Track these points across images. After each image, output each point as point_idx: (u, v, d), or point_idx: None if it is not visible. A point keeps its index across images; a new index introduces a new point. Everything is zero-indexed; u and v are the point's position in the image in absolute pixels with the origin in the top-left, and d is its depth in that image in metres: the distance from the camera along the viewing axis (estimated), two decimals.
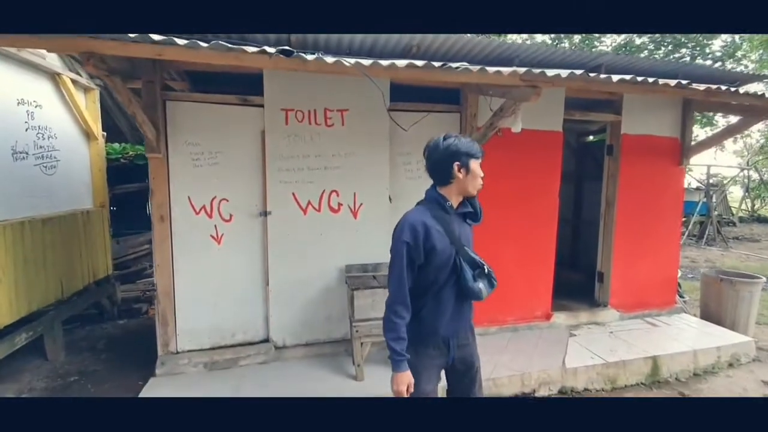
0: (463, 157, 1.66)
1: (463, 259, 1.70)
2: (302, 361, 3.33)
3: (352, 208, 3.41)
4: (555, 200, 3.96)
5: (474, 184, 1.71)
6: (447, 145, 1.68)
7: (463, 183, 1.69)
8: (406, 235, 1.64)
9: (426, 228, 1.64)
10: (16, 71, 3.39)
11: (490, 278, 1.74)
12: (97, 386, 3.28)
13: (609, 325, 4.13)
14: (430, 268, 1.68)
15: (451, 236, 1.68)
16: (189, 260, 3.17)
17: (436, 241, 1.64)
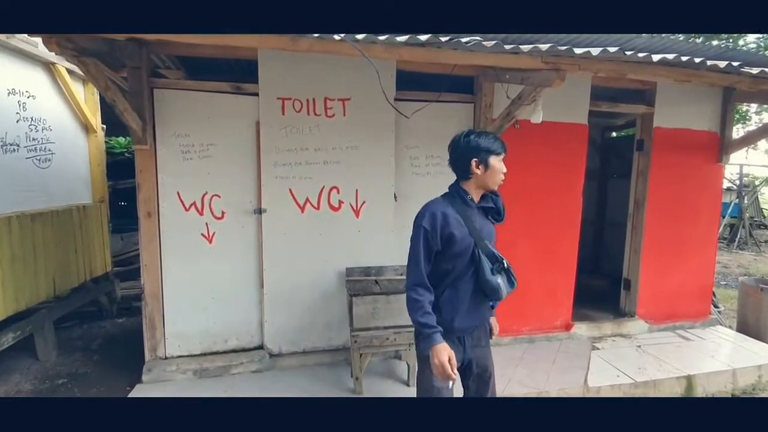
0: (482, 154, 1.67)
1: (482, 251, 1.68)
2: (298, 371, 3.09)
3: (354, 207, 3.14)
4: (578, 199, 3.61)
5: (494, 179, 1.71)
6: (468, 141, 1.70)
7: (482, 179, 1.70)
8: (425, 221, 1.68)
9: (445, 216, 1.67)
10: (6, 60, 3.24)
11: (509, 275, 1.73)
12: (83, 391, 3.11)
13: (636, 338, 3.76)
14: (448, 256, 1.68)
15: (470, 227, 1.69)
16: (178, 260, 2.96)
17: (455, 229, 1.66)
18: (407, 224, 3.34)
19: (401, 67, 3.04)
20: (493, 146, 1.68)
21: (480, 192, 1.75)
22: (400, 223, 3.26)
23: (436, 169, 3.31)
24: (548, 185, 3.52)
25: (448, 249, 1.66)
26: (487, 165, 1.67)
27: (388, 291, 2.77)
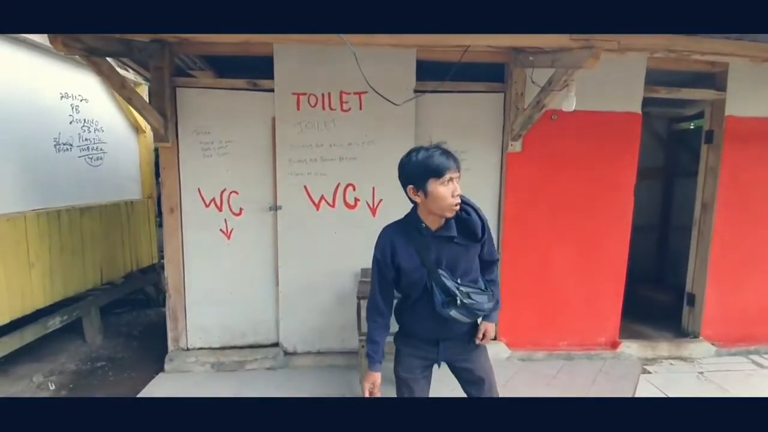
0: (417, 179, 1.49)
1: (435, 283, 1.56)
2: (311, 371, 3.03)
3: (371, 205, 3.01)
4: (628, 199, 3.17)
5: (439, 206, 1.49)
6: (403, 165, 1.56)
7: (427, 205, 1.52)
8: (377, 250, 1.66)
9: (393, 246, 1.61)
10: (60, 67, 3.54)
11: (468, 309, 1.58)
12: (116, 374, 3.30)
13: (699, 363, 3.22)
14: (403, 284, 1.66)
15: (424, 256, 1.57)
16: (199, 255, 3.03)
17: (404, 261, 1.59)
18: None
19: (421, 56, 2.85)
20: (430, 168, 1.46)
21: (437, 219, 1.55)
22: None
23: (462, 165, 3.06)
24: (592, 184, 3.12)
25: (400, 278, 1.63)
26: (425, 191, 1.48)
27: None
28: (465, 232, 1.57)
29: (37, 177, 3.37)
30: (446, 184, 1.47)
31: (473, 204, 1.60)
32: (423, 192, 1.49)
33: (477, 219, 1.57)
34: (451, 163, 1.49)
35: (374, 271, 1.65)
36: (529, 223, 3.12)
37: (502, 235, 3.13)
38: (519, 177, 3.07)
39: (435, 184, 1.46)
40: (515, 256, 3.14)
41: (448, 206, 1.49)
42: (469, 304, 1.58)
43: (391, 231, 1.66)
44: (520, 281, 3.17)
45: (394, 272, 1.62)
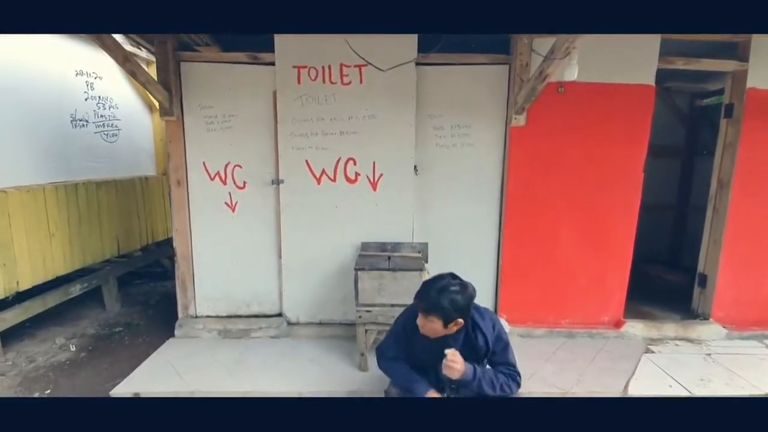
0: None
1: (433, 372, 1.84)
2: (312, 341, 3.12)
3: (371, 179, 3.02)
4: (638, 176, 3.06)
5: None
6: (464, 298, 1.71)
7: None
8: (402, 320, 1.93)
9: (414, 329, 1.80)
10: (74, 44, 3.64)
11: (457, 394, 1.83)
12: (132, 339, 3.50)
13: (707, 345, 3.15)
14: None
15: (431, 349, 1.78)
16: (205, 227, 3.13)
17: (414, 345, 1.85)
18: (428, 199, 3.16)
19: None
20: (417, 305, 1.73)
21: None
22: (421, 197, 3.07)
23: (462, 140, 3.04)
24: (599, 160, 3.03)
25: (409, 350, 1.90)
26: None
27: (396, 267, 2.63)
28: (468, 348, 1.75)
29: (55, 152, 3.53)
30: (421, 319, 1.73)
31: (484, 323, 1.77)
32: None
33: (482, 344, 1.74)
34: (420, 305, 1.71)
35: (395, 332, 1.92)
36: (532, 200, 3.07)
37: (504, 211, 3.10)
38: (523, 152, 3.00)
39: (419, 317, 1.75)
40: (518, 233, 3.11)
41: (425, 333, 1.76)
42: (456, 395, 1.82)
43: (409, 325, 1.83)
44: (522, 258, 3.14)
45: (406, 344, 1.88)
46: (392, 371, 1.92)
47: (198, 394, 2.49)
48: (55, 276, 3.40)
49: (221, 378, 2.64)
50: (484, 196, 3.10)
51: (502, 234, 3.15)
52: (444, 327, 1.66)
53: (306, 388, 2.52)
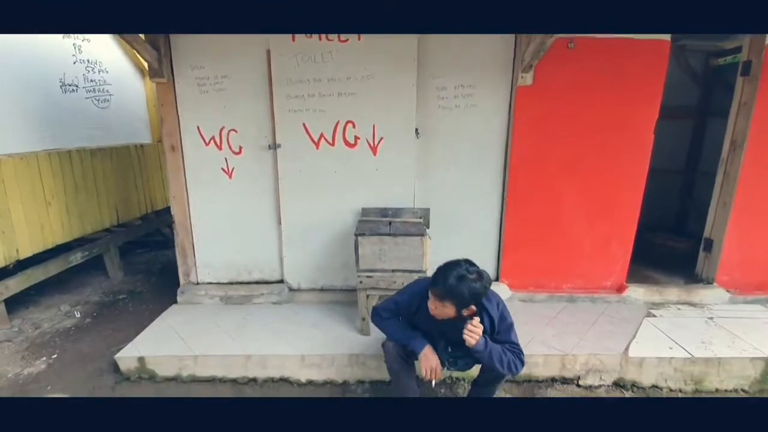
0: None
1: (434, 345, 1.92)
2: (314, 306, 3.13)
3: (371, 143, 2.92)
4: (647, 137, 2.95)
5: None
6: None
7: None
8: (407, 293, 1.99)
9: (420, 305, 1.89)
10: None
11: (455, 366, 1.94)
12: (135, 306, 3.54)
13: (710, 308, 3.14)
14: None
15: (432, 324, 1.88)
16: (202, 194, 3.08)
17: (419, 319, 1.93)
18: (430, 163, 3.07)
19: None
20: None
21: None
22: (423, 162, 2.99)
23: (466, 102, 2.91)
24: (608, 121, 2.90)
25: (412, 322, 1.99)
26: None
27: (397, 233, 2.59)
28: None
29: (46, 118, 3.43)
30: (431, 301, 1.79)
31: (491, 305, 1.80)
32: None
33: (488, 325, 1.79)
34: (433, 288, 1.75)
35: (399, 299, 1.98)
36: (537, 163, 2.97)
37: (508, 175, 3.01)
38: (529, 113, 2.88)
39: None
40: (522, 197, 3.04)
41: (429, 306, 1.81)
42: (454, 367, 1.92)
43: (424, 292, 1.84)
44: (526, 223, 3.09)
45: (409, 316, 1.96)
46: (388, 325, 1.98)
47: (201, 358, 2.52)
48: (55, 245, 3.39)
49: (224, 342, 2.67)
50: (487, 159, 3.01)
51: (505, 198, 3.08)
52: (457, 312, 1.72)
53: (308, 351, 2.54)
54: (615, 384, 2.55)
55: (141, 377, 2.57)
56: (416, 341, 1.89)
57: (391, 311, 1.99)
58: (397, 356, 1.97)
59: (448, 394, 2.46)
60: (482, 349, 1.73)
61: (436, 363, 1.86)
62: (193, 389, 2.49)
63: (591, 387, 2.53)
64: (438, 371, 1.86)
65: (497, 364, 1.75)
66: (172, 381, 2.55)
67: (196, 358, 2.52)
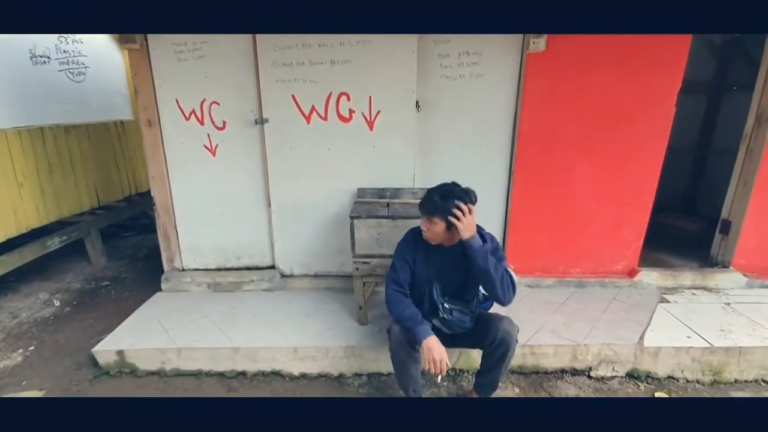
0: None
1: (427, 292, 1.88)
2: (308, 294, 2.95)
3: (367, 117, 2.67)
4: (667, 113, 2.71)
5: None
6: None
7: None
8: (403, 245, 1.95)
9: (415, 250, 1.92)
10: None
11: (447, 323, 1.86)
12: (118, 293, 3.34)
13: (726, 294, 2.97)
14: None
15: (429, 267, 1.90)
16: (184, 173, 2.84)
17: (417, 267, 1.92)
18: (432, 139, 2.83)
19: None
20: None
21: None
22: (424, 138, 2.75)
23: (471, 71, 2.65)
24: (626, 92, 2.66)
25: (412, 277, 1.93)
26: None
27: (395, 215, 2.37)
28: (464, 257, 1.77)
29: (16, 92, 3.15)
30: (423, 222, 1.82)
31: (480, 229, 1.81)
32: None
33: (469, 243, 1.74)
34: (420, 206, 1.81)
35: (397, 257, 1.92)
36: (548, 139, 2.74)
37: (516, 153, 2.78)
38: (540, 82, 2.63)
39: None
40: (530, 176, 2.82)
41: (422, 232, 1.84)
42: (449, 319, 1.83)
43: (417, 233, 1.89)
44: (533, 204, 2.88)
45: (411, 267, 1.90)
46: (396, 304, 1.86)
47: (185, 351, 2.34)
48: (29, 229, 3.17)
49: (211, 333, 2.48)
50: (494, 134, 2.77)
51: (512, 177, 2.86)
52: (447, 230, 1.74)
53: (302, 343, 2.36)
54: (628, 375, 2.39)
55: (121, 371, 2.39)
56: (420, 327, 1.75)
57: (399, 273, 1.89)
58: (404, 343, 1.80)
59: (451, 387, 2.29)
60: (477, 246, 1.69)
61: (442, 355, 1.70)
62: (177, 384, 2.32)
63: (603, 378, 2.38)
64: (443, 365, 1.70)
65: (492, 271, 1.69)
66: (154, 375, 2.38)
67: (180, 351, 2.34)
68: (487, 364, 1.92)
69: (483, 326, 1.88)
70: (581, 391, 2.28)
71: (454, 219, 1.69)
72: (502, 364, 1.86)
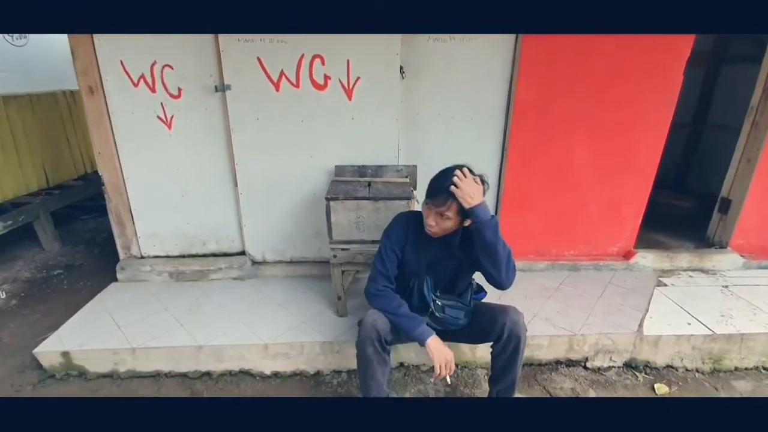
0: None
1: (417, 286, 1.69)
2: (283, 282, 2.69)
3: (345, 84, 2.36)
4: (674, 82, 2.48)
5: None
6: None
7: None
8: (393, 229, 1.70)
9: (407, 236, 1.68)
10: None
11: (439, 320, 1.69)
12: (72, 283, 3.02)
13: (724, 276, 2.84)
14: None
15: (420, 257, 1.67)
16: (136, 149, 2.49)
17: (407, 254, 1.68)
18: (418, 110, 2.53)
19: None
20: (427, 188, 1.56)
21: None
22: (409, 108, 2.46)
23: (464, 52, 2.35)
24: (631, 59, 2.41)
25: (400, 265, 1.71)
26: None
27: (377, 196, 2.11)
28: (466, 241, 1.58)
29: None
30: (425, 209, 1.55)
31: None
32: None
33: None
34: (429, 192, 1.52)
35: (384, 244, 1.67)
36: (544, 110, 2.49)
37: (510, 126, 2.52)
38: (539, 49, 2.35)
39: (424, 207, 1.57)
40: (526, 152, 2.58)
41: (426, 228, 1.57)
42: (441, 317, 1.66)
43: (411, 218, 1.69)
44: (527, 182, 2.65)
45: (399, 257, 1.67)
46: (388, 301, 1.64)
47: (140, 351, 2.07)
48: None
49: (171, 329, 2.21)
50: (487, 105, 2.50)
51: (505, 153, 2.61)
52: (461, 220, 1.53)
53: (273, 339, 2.12)
54: (626, 365, 2.24)
55: (69, 374, 2.12)
56: (419, 328, 1.58)
57: (386, 276, 1.67)
58: (372, 340, 1.56)
59: (439, 384, 2.10)
60: (487, 218, 1.46)
61: (449, 354, 1.56)
62: (132, 387, 2.06)
63: (600, 369, 2.22)
64: (451, 364, 1.56)
65: (500, 248, 1.47)
66: (107, 378, 2.11)
67: (134, 351, 2.07)
68: (500, 364, 1.68)
69: (485, 320, 1.67)
70: (577, 384, 2.13)
71: (453, 188, 1.45)
72: (517, 360, 1.65)
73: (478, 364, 2.18)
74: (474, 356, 2.17)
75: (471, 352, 2.16)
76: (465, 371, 2.17)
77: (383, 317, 1.61)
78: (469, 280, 1.74)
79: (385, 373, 1.64)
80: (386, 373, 1.65)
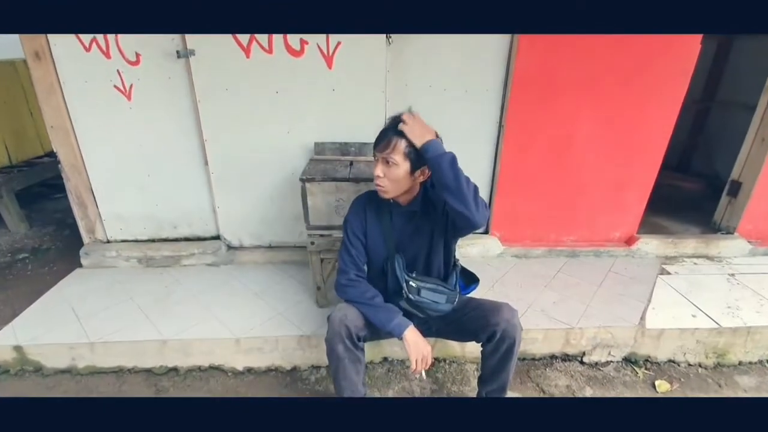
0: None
1: (390, 269, 1.53)
2: (261, 268, 2.51)
3: (324, 51, 2.10)
4: (691, 52, 2.24)
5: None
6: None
7: None
8: (350, 216, 1.56)
9: (365, 220, 1.54)
10: None
11: (416, 305, 1.50)
12: (37, 268, 2.82)
13: (730, 263, 2.69)
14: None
15: (386, 238, 1.52)
16: (93, 122, 2.25)
17: (369, 239, 1.54)
18: (408, 79, 2.26)
19: None
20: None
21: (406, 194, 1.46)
22: (397, 77, 2.22)
23: None
24: None
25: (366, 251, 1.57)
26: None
27: (360, 177, 1.90)
28: (429, 205, 1.47)
29: None
30: (374, 166, 1.40)
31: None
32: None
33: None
34: (376, 146, 1.38)
35: (346, 233, 1.55)
36: (548, 81, 2.26)
37: (508, 100, 2.29)
38: None
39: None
40: (524, 128, 2.36)
41: (375, 185, 1.42)
42: (416, 300, 1.48)
43: (367, 198, 1.57)
44: (525, 162, 2.44)
45: (363, 242, 1.54)
46: (361, 291, 1.50)
47: (99, 345, 1.90)
48: None
49: (134, 321, 2.04)
50: (483, 75, 2.26)
51: (502, 130, 2.39)
52: (411, 174, 1.37)
53: (246, 333, 1.95)
54: (625, 360, 2.10)
55: (24, 370, 1.95)
56: (395, 320, 1.43)
57: (355, 264, 1.54)
58: (342, 337, 1.40)
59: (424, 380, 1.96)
60: (441, 151, 1.29)
61: (426, 348, 1.42)
62: (92, 385, 1.90)
63: (597, 364, 2.08)
64: (428, 359, 1.42)
65: (463, 180, 1.26)
66: (65, 374, 1.95)
67: (93, 346, 1.90)
68: (491, 364, 1.52)
69: (475, 316, 1.50)
70: (573, 380, 1.99)
71: (401, 125, 1.32)
72: (510, 361, 1.49)
73: (467, 359, 2.03)
74: (463, 351, 2.02)
75: (460, 346, 2.01)
76: (453, 366, 2.02)
77: (355, 311, 1.46)
78: (447, 257, 1.56)
79: (359, 371, 1.49)
80: (361, 372, 1.50)
